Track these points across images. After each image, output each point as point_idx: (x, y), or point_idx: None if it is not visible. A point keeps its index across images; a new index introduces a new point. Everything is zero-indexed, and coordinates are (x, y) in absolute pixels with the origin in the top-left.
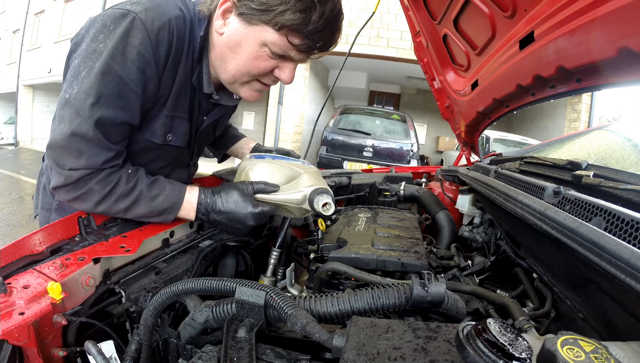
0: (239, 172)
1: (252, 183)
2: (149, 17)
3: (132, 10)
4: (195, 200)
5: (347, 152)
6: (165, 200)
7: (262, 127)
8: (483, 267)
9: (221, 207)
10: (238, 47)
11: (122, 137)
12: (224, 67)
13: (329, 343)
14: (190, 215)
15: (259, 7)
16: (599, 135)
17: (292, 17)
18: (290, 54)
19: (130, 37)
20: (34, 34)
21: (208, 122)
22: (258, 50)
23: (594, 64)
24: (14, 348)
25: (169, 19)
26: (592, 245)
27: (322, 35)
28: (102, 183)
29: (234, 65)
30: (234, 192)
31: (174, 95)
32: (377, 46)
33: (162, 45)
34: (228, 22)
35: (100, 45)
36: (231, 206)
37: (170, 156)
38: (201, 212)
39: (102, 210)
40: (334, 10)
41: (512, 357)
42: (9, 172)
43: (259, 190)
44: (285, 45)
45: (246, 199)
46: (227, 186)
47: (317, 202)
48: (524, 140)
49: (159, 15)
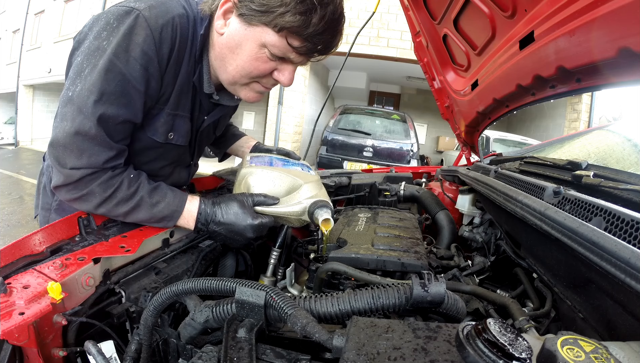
0: (239, 179)
1: (252, 195)
2: (153, 15)
3: (136, 8)
4: (195, 210)
5: (347, 152)
6: (165, 207)
7: (262, 127)
8: (483, 267)
9: (221, 218)
10: (238, 48)
11: (124, 136)
12: (223, 67)
13: (329, 343)
14: (189, 225)
15: (260, 8)
16: (599, 135)
17: (292, 19)
18: (290, 56)
19: (134, 35)
20: (34, 34)
21: (209, 122)
22: (257, 51)
23: (594, 64)
24: (14, 348)
25: (172, 17)
26: (592, 245)
27: (322, 38)
28: (103, 186)
29: (233, 67)
30: (234, 203)
31: (175, 94)
32: (377, 46)
33: (165, 43)
34: (229, 23)
35: (103, 43)
36: (231, 218)
37: (171, 155)
38: (201, 222)
39: (102, 212)
40: (334, 14)
41: (512, 357)
42: (9, 172)
43: (259, 203)
44: (285, 47)
45: (246, 211)
46: (228, 197)
47: (316, 216)
48: (524, 140)
49: (163, 13)
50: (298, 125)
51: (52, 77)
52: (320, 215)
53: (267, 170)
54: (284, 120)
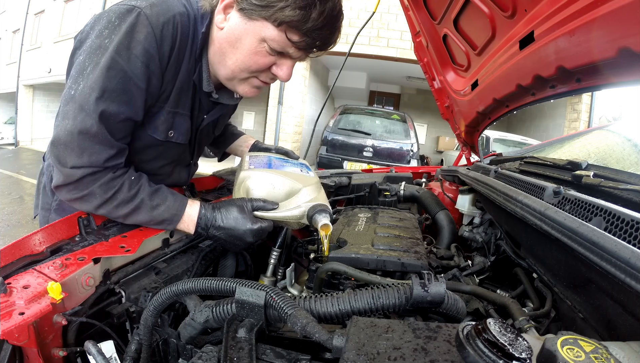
0: (238, 183)
1: (251, 200)
2: (154, 13)
3: (137, 6)
4: (195, 215)
5: (347, 152)
6: (165, 211)
7: (262, 127)
8: (483, 267)
9: (221, 223)
10: (238, 42)
11: (125, 134)
12: (223, 62)
13: (329, 343)
14: (189, 229)
15: (260, 2)
16: (599, 135)
17: (291, 14)
18: (289, 51)
19: (136, 33)
20: (34, 34)
21: (208, 121)
22: (257, 45)
23: (594, 64)
24: (14, 348)
25: (173, 15)
26: (592, 245)
27: (320, 34)
28: (104, 187)
29: (233, 61)
30: (234, 208)
31: (176, 92)
32: (377, 46)
33: (166, 40)
34: (229, 17)
35: (105, 41)
36: (230, 222)
37: (171, 154)
38: (201, 226)
39: (102, 213)
40: (334, 10)
41: (512, 357)
42: (9, 172)
43: (258, 208)
44: (284, 41)
45: (245, 216)
46: (227, 203)
47: (315, 220)
48: (524, 140)
49: (164, 11)
50: (298, 125)
51: (52, 77)
52: (320, 220)
53: (266, 174)
54: (284, 120)
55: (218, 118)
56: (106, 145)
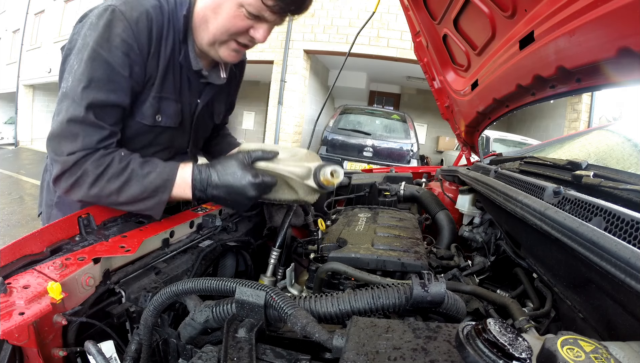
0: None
1: (249, 151)
2: (128, 8)
3: (112, 4)
4: (189, 176)
5: (347, 152)
6: (157, 177)
7: (262, 127)
8: (483, 267)
9: (217, 180)
10: (218, 8)
11: (115, 120)
12: (206, 28)
13: (329, 343)
14: (186, 193)
15: None
16: (599, 135)
17: None
18: (265, 15)
19: (113, 27)
20: (34, 34)
21: (202, 104)
22: (236, 10)
23: (594, 64)
24: (14, 348)
25: (146, 9)
26: (592, 245)
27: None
28: (95, 163)
29: (214, 25)
30: (231, 162)
31: (160, 78)
32: (377, 46)
33: (142, 32)
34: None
35: (87, 39)
36: (228, 178)
37: (163, 139)
38: (197, 188)
39: (95, 193)
40: None
41: (512, 357)
42: (9, 172)
43: (257, 158)
44: (259, 5)
45: (245, 169)
46: (223, 158)
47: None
48: (524, 140)
49: (137, 6)
50: (298, 125)
51: (52, 77)
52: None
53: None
54: (284, 120)
55: (214, 104)
56: (98, 128)
